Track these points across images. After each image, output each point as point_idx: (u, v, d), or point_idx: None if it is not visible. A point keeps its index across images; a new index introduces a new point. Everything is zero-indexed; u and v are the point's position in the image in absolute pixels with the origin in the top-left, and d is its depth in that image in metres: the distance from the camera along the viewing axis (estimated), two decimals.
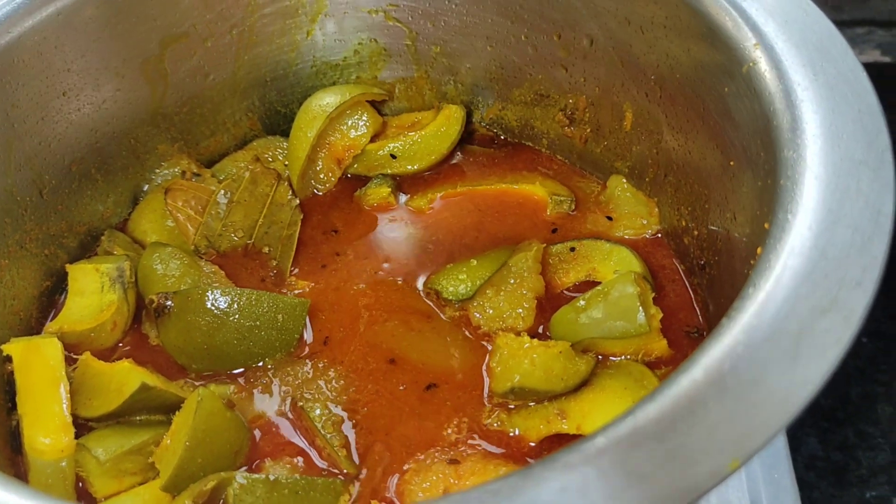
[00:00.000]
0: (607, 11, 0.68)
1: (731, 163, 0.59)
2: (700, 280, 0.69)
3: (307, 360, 0.66)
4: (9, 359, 0.62)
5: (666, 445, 0.35)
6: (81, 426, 0.61)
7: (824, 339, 0.39)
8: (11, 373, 0.62)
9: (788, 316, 0.40)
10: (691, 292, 0.70)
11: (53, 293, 0.71)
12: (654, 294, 0.66)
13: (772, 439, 0.35)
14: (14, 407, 0.62)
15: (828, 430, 1.21)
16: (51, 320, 0.69)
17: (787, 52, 0.53)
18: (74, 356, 0.64)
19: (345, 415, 0.63)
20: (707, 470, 0.34)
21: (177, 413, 0.60)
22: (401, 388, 0.65)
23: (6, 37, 0.63)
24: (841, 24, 1.42)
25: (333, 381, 0.65)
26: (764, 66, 0.53)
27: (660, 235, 0.74)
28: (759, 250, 0.45)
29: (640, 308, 0.62)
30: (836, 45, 0.53)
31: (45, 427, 0.58)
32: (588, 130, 0.78)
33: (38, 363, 0.60)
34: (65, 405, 0.59)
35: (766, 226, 0.46)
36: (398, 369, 0.66)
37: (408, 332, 0.68)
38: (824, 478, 1.18)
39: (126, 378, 0.60)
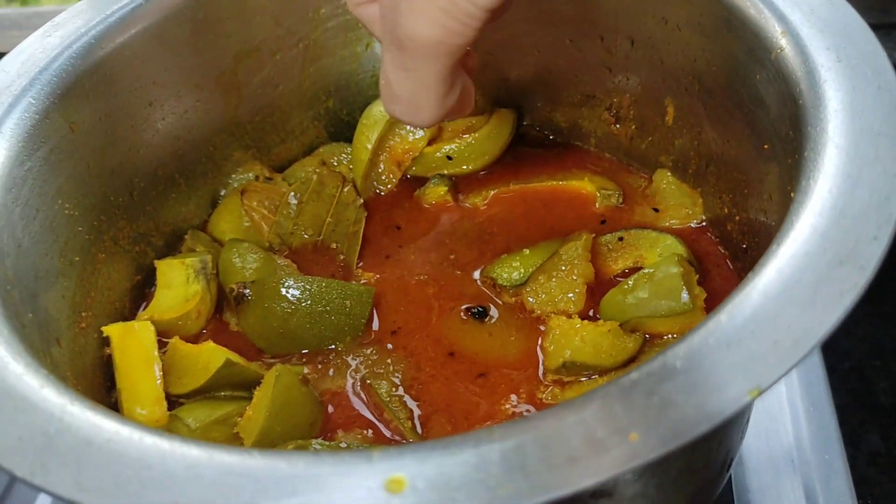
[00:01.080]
0: (646, 13, 0.73)
1: (766, 146, 0.63)
2: (743, 264, 0.72)
3: (374, 345, 0.72)
4: (107, 342, 0.69)
5: (693, 378, 0.40)
6: (172, 403, 0.67)
7: (840, 286, 0.42)
8: (109, 355, 0.69)
9: (807, 267, 0.44)
10: (736, 275, 0.73)
11: (144, 287, 0.78)
12: (697, 276, 0.70)
13: (789, 371, 0.39)
14: (112, 386, 0.68)
15: (888, 426, 1.21)
16: (142, 310, 0.76)
17: (812, 38, 0.57)
18: (164, 340, 0.71)
19: (409, 392, 0.68)
20: (729, 397, 0.39)
21: (257, 388, 0.66)
22: (455, 373, 0.69)
23: (101, 52, 0.70)
24: (890, 27, 1.44)
25: (397, 363, 0.70)
26: (790, 52, 0.57)
27: (704, 224, 0.77)
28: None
29: (684, 287, 0.66)
30: (858, 29, 0.57)
31: (142, 400, 0.65)
32: (633, 127, 0.82)
33: (135, 344, 0.67)
34: (158, 380, 0.65)
35: (792, 195, 0.50)
36: (455, 361, 0.70)
37: (465, 322, 0.73)
38: (886, 473, 1.18)
39: (212, 356, 0.66)
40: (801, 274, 0.43)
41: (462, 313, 0.73)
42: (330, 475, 0.39)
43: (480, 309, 0.73)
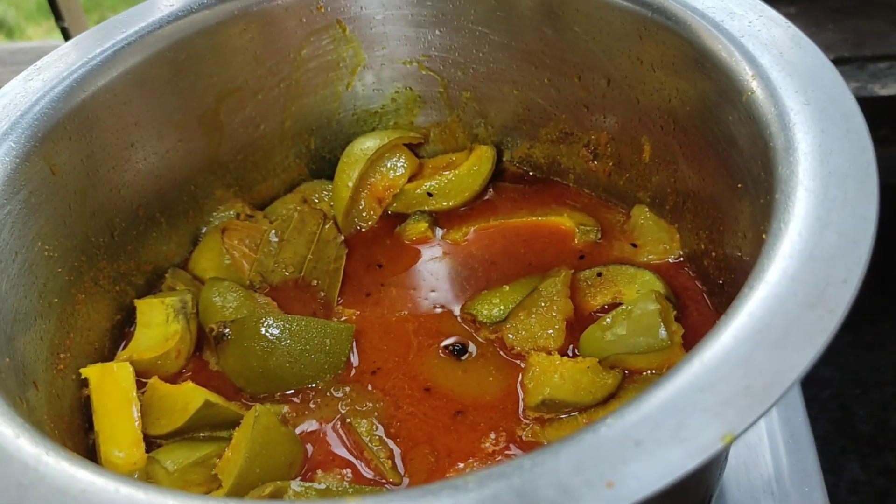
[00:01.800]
0: (621, 53, 0.74)
1: (739, 185, 0.64)
2: (720, 299, 0.73)
3: (354, 382, 0.72)
4: (85, 383, 0.69)
5: (667, 424, 0.40)
6: (151, 444, 0.67)
7: (811, 329, 0.43)
8: (87, 397, 0.69)
9: (778, 311, 0.44)
10: (713, 311, 0.74)
11: (124, 326, 0.78)
12: (675, 312, 0.70)
13: (762, 416, 0.39)
14: (90, 427, 0.68)
15: (869, 455, 1.23)
16: (121, 350, 0.76)
17: (781, 81, 0.58)
18: (144, 380, 0.70)
19: (388, 430, 0.68)
20: (703, 443, 0.39)
21: (236, 429, 0.65)
22: (433, 409, 0.69)
23: (82, 95, 0.70)
24: (864, 60, 1.47)
25: (377, 401, 0.70)
26: (761, 95, 0.59)
27: (682, 259, 0.78)
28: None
29: (662, 324, 0.67)
30: (827, 72, 0.58)
31: (120, 442, 0.64)
32: (611, 164, 0.83)
33: (112, 385, 0.67)
34: (136, 422, 0.65)
35: (764, 237, 0.51)
36: (432, 397, 0.70)
37: (442, 359, 0.73)
38: (867, 501, 1.19)
39: (190, 397, 0.66)
40: (771, 317, 0.44)
41: (440, 350, 0.73)
42: None
43: (460, 346, 0.73)
